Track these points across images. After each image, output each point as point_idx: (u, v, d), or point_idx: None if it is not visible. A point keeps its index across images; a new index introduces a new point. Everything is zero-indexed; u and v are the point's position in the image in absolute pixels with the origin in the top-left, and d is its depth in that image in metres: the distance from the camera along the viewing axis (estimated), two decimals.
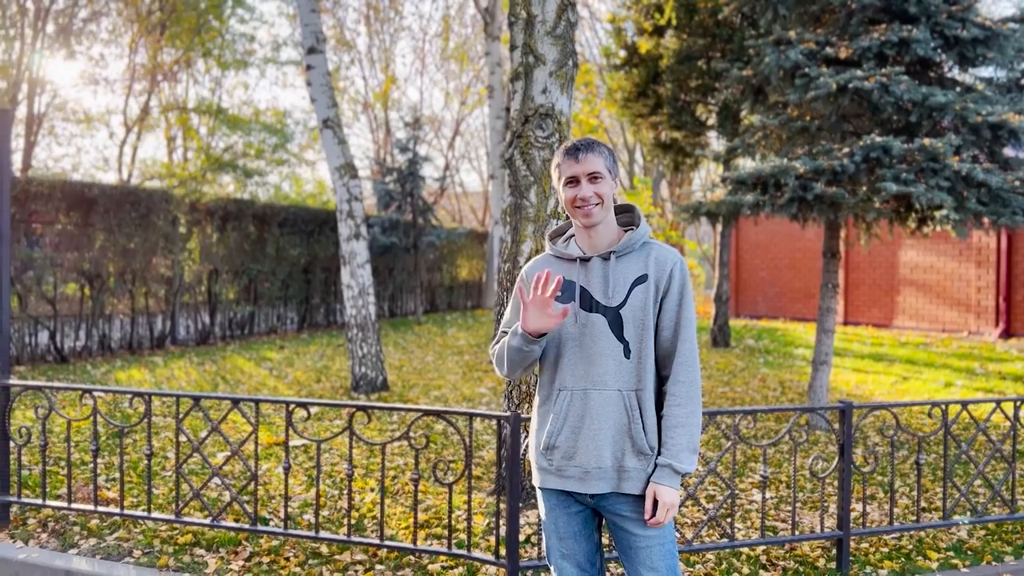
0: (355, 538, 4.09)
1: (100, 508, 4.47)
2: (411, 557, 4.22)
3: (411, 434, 6.70)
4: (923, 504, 5.20)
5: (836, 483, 5.21)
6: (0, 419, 4.66)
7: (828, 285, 7.40)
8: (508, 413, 3.66)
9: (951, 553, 4.43)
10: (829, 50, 6.64)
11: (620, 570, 4.09)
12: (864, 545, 4.53)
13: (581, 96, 23.60)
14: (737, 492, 5.46)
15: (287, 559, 4.20)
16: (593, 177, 2.44)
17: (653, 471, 2.42)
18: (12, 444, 5.51)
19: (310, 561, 4.18)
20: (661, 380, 2.51)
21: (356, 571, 4.08)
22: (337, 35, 30.87)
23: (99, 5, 25.22)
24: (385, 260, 17.10)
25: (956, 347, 13.22)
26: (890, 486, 4.36)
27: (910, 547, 4.52)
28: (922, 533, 4.69)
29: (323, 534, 4.15)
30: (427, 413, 3.94)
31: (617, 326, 2.44)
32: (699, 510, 4.98)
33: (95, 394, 4.89)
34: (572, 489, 2.47)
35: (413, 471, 3.98)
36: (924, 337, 14.94)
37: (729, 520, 4.10)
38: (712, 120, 12.48)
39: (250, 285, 14.41)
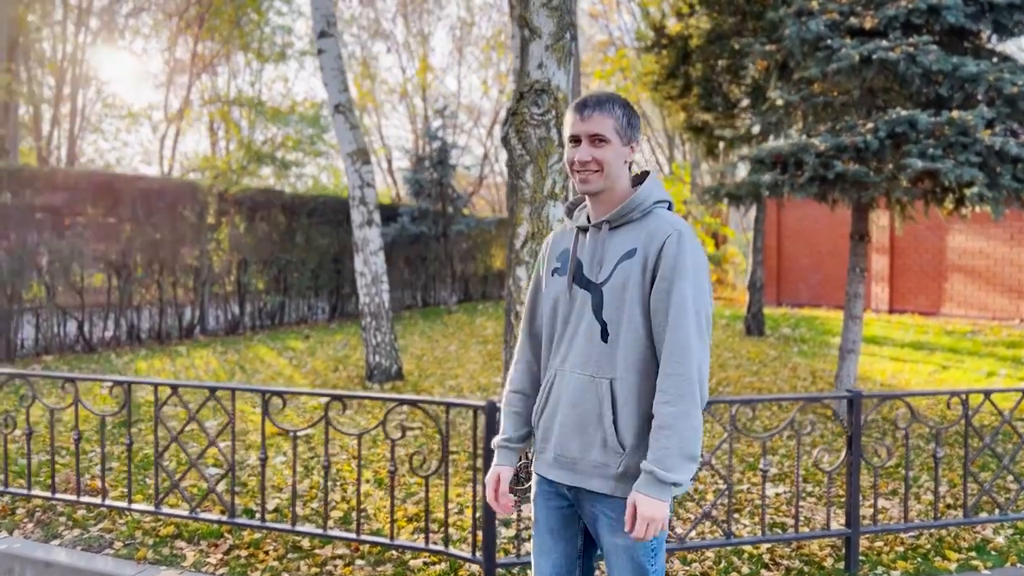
0: (332, 532, 3.94)
1: (83, 499, 4.40)
2: (393, 552, 4.05)
3: (412, 424, 6.54)
4: (949, 501, 4.88)
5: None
6: None
7: (855, 269, 7.04)
8: (483, 402, 3.47)
9: (973, 553, 4.12)
10: (853, 20, 6.28)
11: None
12: (879, 544, 4.24)
13: (619, 82, 23.21)
14: (748, 487, 5.19)
15: (266, 553, 4.07)
16: (596, 139, 2.15)
17: (624, 473, 2.14)
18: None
19: (289, 555, 4.05)
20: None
21: (335, 566, 3.94)
22: (375, 26, 30.89)
23: (139, 1, 25.56)
24: (416, 249, 16.98)
25: (1006, 335, 12.64)
26: (905, 481, 4.07)
27: (928, 546, 4.21)
28: (943, 532, 4.38)
29: (300, 527, 4.01)
30: (402, 402, 3.77)
31: (598, 305, 2.17)
32: (695, 504, 4.73)
33: (110, 385, 4.81)
34: (544, 474, 2.29)
35: (389, 463, 3.80)
36: (972, 325, 14.33)
37: (727, 516, 3.85)
38: (745, 101, 12.07)
39: (279, 275, 14.42)
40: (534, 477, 2.36)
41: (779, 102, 6.52)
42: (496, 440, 2.40)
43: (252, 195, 14.02)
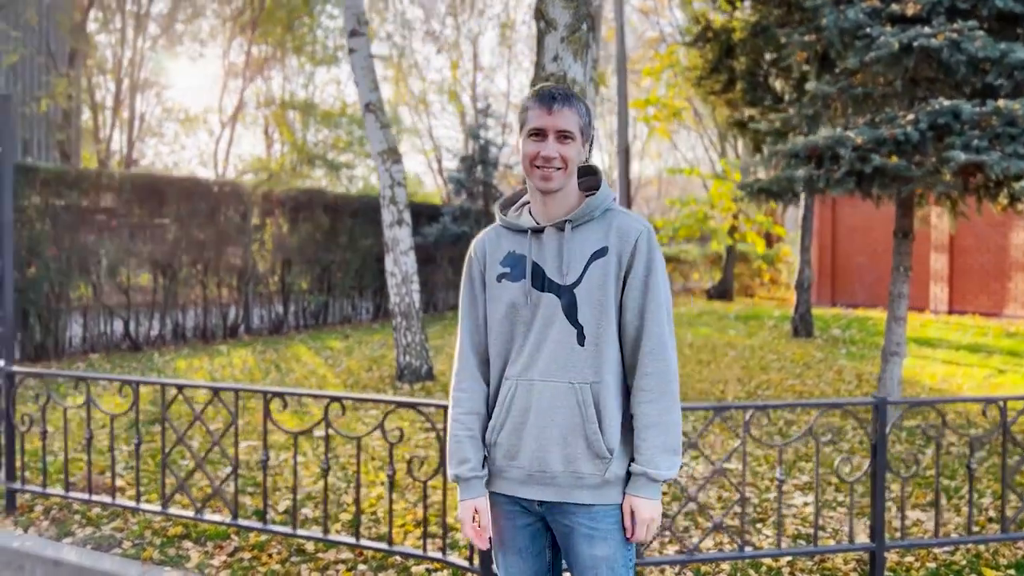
0: (331, 536, 3.87)
1: (94, 497, 4.41)
2: (396, 558, 3.96)
3: (438, 428, 6.44)
4: (992, 514, 4.59)
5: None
6: (5, 406, 4.66)
7: (899, 268, 6.73)
8: None
9: (1012, 571, 3.85)
10: (895, 7, 5.98)
11: None
12: (909, 559, 4.00)
13: (669, 79, 22.86)
14: (775, 495, 4.96)
15: (270, 556, 4.02)
16: (563, 136, 2.05)
17: (627, 480, 2.08)
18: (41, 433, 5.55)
19: (293, 558, 3.99)
20: (628, 372, 2.13)
21: (337, 570, 3.86)
22: (426, 26, 31.02)
23: (197, 7, 26.10)
24: (459, 249, 16.94)
25: None
26: (935, 493, 3.82)
27: (964, 563, 3.95)
28: (982, 547, 4.11)
29: (300, 531, 3.94)
30: (400, 405, 3.67)
31: (571, 308, 2.07)
32: (716, 513, 4.52)
33: (134, 385, 4.82)
34: (512, 493, 2.13)
35: (388, 467, 3.71)
36: None
37: (741, 527, 3.66)
38: (792, 94, 11.71)
39: (323, 275, 14.52)
40: (492, 497, 2.19)
41: (816, 94, 6.25)
42: (461, 471, 2.13)
43: (295, 196, 14.15)
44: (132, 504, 4.29)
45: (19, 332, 9.87)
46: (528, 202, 2.21)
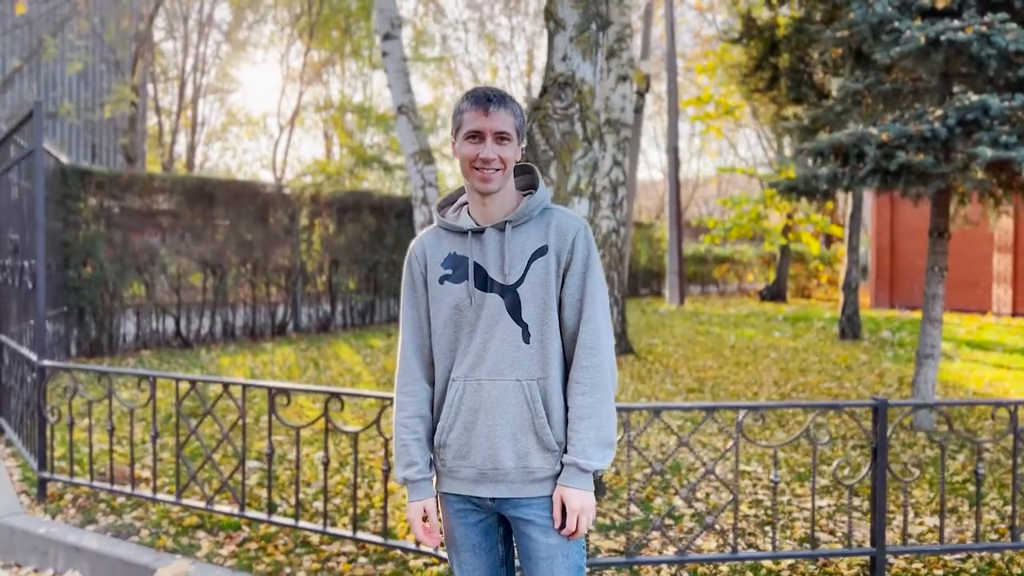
0: (331, 529, 3.96)
1: (115, 487, 4.59)
2: (397, 551, 4.03)
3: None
4: (1018, 521, 4.44)
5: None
6: (37, 398, 4.88)
7: (934, 268, 6.54)
8: None
9: None
10: (924, 0, 5.83)
11: None
12: (916, 565, 3.90)
13: (720, 77, 22.55)
14: (790, 498, 4.89)
15: (276, 546, 4.13)
16: (501, 137, 2.08)
17: (560, 472, 2.12)
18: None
19: (297, 549, 4.09)
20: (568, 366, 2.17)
21: (338, 562, 3.95)
22: (480, 30, 31.19)
23: (259, 13, 26.75)
24: None
25: None
26: (940, 498, 3.72)
27: (974, 570, 3.84)
28: (996, 555, 3.99)
29: (302, 523, 4.04)
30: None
31: (515, 307, 2.11)
32: (696, 513, 4.48)
33: (161, 379, 4.99)
34: (466, 492, 2.17)
35: (383, 462, 3.78)
36: None
37: (733, 527, 3.63)
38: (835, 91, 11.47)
39: (369, 275, 14.75)
40: (443, 497, 2.23)
41: (844, 91, 6.12)
42: (409, 473, 2.18)
43: (342, 197, 14.40)
44: (149, 494, 4.46)
45: (75, 329, 10.30)
46: (466, 203, 2.23)
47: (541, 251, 2.12)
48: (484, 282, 2.13)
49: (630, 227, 15.86)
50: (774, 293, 21.93)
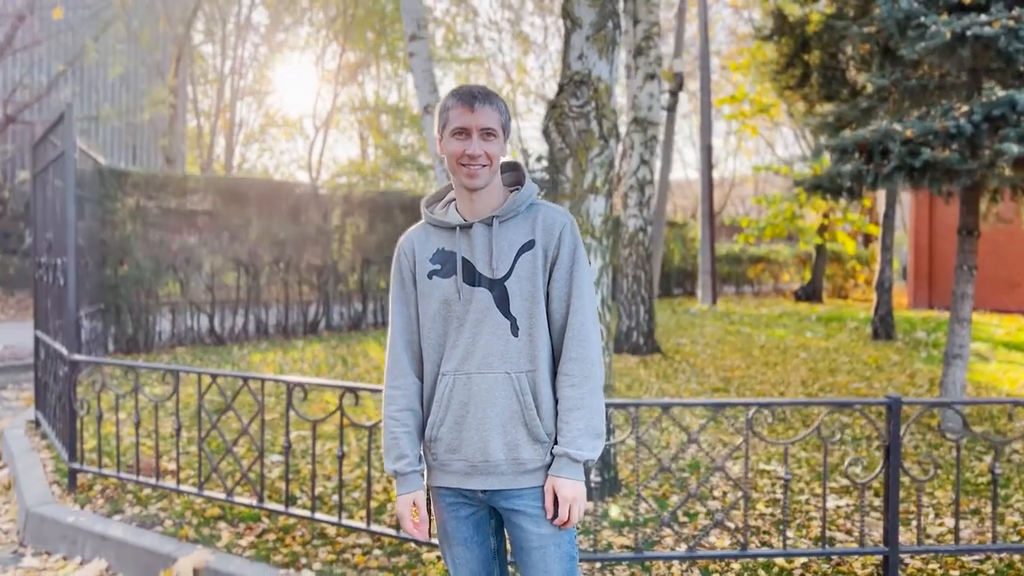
0: (345, 521, 4.02)
1: (140, 478, 4.71)
2: (411, 544, 4.09)
3: None
4: None
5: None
6: (68, 391, 5.03)
7: (963, 267, 6.44)
8: None
9: None
10: None
11: None
12: (933, 566, 3.86)
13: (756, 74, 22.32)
14: (808, 496, 4.86)
15: (293, 538, 4.21)
16: (487, 133, 2.12)
17: (551, 463, 2.16)
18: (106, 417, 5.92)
19: (314, 541, 4.17)
20: (556, 358, 2.21)
21: (353, 553, 4.01)
22: (514, 30, 31.23)
23: (296, 15, 27.08)
24: None
25: None
26: (956, 498, 3.68)
27: (992, 571, 3.79)
28: (1016, 557, 3.93)
29: (318, 515, 4.12)
30: None
31: (503, 301, 2.15)
32: (708, 510, 4.46)
33: (182, 373, 5.10)
34: (457, 485, 2.20)
35: None
36: None
37: (744, 524, 3.63)
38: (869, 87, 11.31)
39: None
40: (434, 491, 2.27)
41: (868, 87, 6.06)
42: (399, 466, 2.21)
43: (373, 197, 14.56)
44: (173, 486, 4.57)
45: (112, 326, 10.55)
46: (454, 199, 2.26)
47: (528, 245, 2.16)
48: (472, 276, 2.16)
49: (662, 226, 15.81)
50: (809, 293, 21.66)
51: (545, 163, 17.30)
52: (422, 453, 2.28)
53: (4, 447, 6.20)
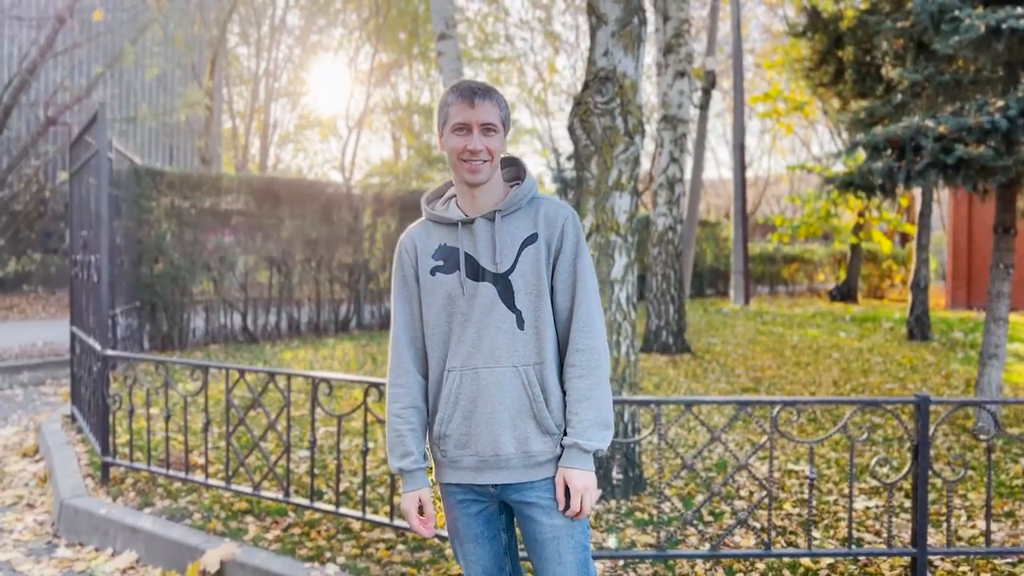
0: (369, 515, 4.05)
1: (170, 472, 4.79)
2: (435, 540, 4.10)
3: None
4: None
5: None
6: (100, 386, 5.13)
7: (999, 266, 6.32)
8: None
9: None
10: None
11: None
12: (963, 569, 3.79)
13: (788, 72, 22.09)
14: (836, 497, 4.80)
15: (319, 532, 4.25)
16: (487, 129, 2.12)
17: (561, 454, 2.17)
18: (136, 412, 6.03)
19: (339, 536, 4.20)
20: (562, 350, 2.22)
21: (376, 548, 4.04)
22: (545, 30, 31.20)
23: (329, 17, 27.33)
24: None
25: None
26: (987, 500, 3.61)
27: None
28: None
29: (342, 509, 4.15)
30: None
31: (508, 295, 2.15)
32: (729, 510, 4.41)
33: (212, 369, 5.18)
34: (468, 481, 2.21)
35: None
36: None
37: (768, 525, 3.59)
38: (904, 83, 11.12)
39: None
40: (444, 488, 2.27)
41: (904, 82, 5.96)
42: (405, 464, 2.21)
43: (404, 196, 14.63)
44: (202, 479, 4.63)
45: (148, 324, 10.73)
46: (454, 195, 2.27)
47: (531, 239, 2.17)
48: (476, 272, 2.17)
49: (694, 225, 15.69)
50: (844, 293, 21.37)
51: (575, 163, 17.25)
52: (428, 450, 2.29)
53: (42, 440, 6.34)
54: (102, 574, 4.11)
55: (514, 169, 2.31)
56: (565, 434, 2.16)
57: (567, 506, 2.14)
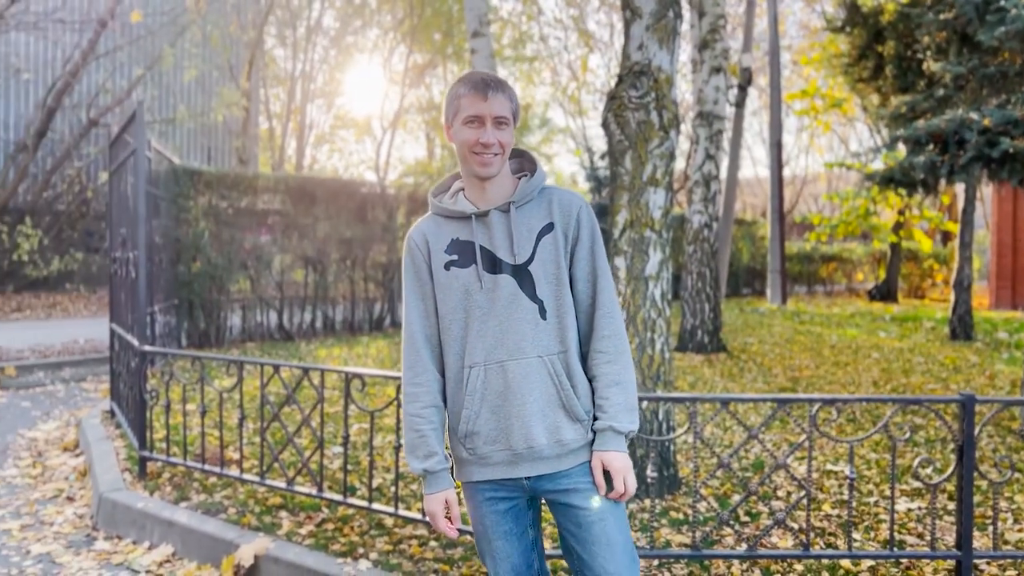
0: (402, 511, 4.04)
1: (206, 467, 4.83)
2: (467, 536, 4.08)
3: None
4: None
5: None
6: (138, 381, 5.19)
7: None
8: None
9: None
10: None
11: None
12: (1011, 573, 3.68)
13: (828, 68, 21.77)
14: (877, 499, 4.69)
15: (351, 527, 4.26)
16: (500, 122, 2.11)
17: (593, 439, 2.17)
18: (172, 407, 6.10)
19: (371, 531, 4.20)
20: (583, 337, 2.22)
21: (409, 544, 4.03)
22: (580, 29, 31.10)
23: (365, 18, 27.50)
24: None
25: None
26: None
27: None
28: None
29: (375, 505, 4.15)
30: None
31: (528, 285, 2.14)
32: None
33: (245, 365, 5.21)
34: (501, 476, 2.17)
35: None
36: None
37: (807, 526, 3.51)
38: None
39: None
40: (470, 487, 2.23)
41: (945, 76, 5.83)
42: (430, 464, 2.16)
43: None
44: (236, 474, 4.67)
45: (185, 322, 10.87)
46: (461, 189, 2.24)
47: (548, 228, 2.16)
48: (493, 264, 2.15)
49: (730, 224, 15.52)
50: (884, 293, 21.00)
51: (602, 162, 17.21)
52: (450, 450, 2.26)
53: (82, 435, 6.44)
54: (139, 567, 4.15)
55: (518, 161, 2.29)
56: (595, 419, 2.16)
57: (610, 489, 2.14)
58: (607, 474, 2.14)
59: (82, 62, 17.15)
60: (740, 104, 16.83)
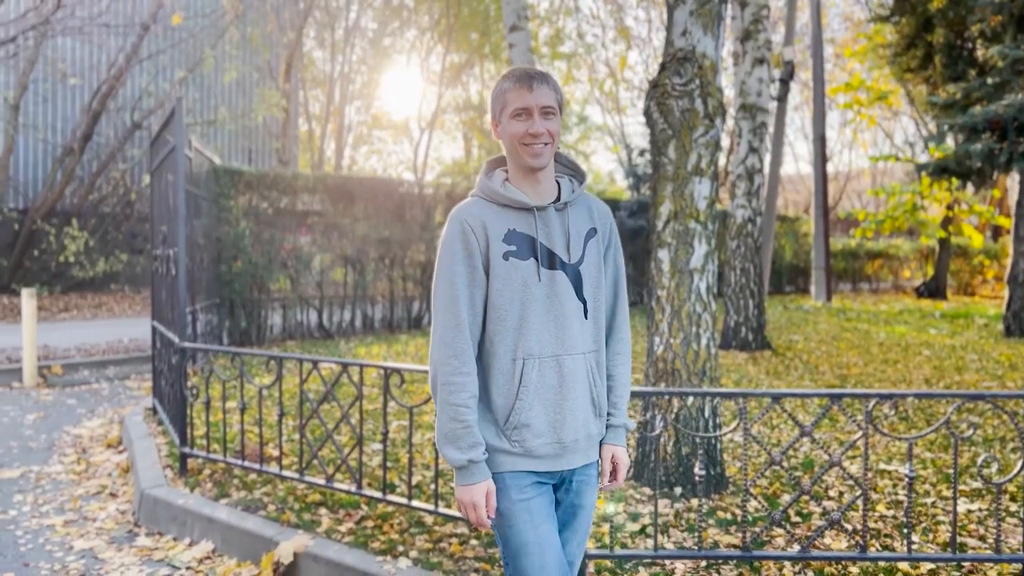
0: (441, 509, 3.96)
1: (246, 464, 4.80)
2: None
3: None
4: None
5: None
6: (178, 378, 5.18)
7: None
8: None
9: None
10: None
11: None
12: None
13: (873, 60, 21.32)
14: (935, 500, 4.51)
15: (391, 525, 4.19)
16: (546, 112, 2.12)
17: (605, 433, 2.33)
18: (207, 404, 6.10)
19: (411, 529, 4.14)
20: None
21: (449, 542, 3.96)
22: (619, 26, 30.86)
23: (403, 19, 27.59)
24: (638, 244, 16.72)
25: None
26: None
27: None
28: None
29: (415, 502, 4.08)
30: None
31: (578, 285, 2.20)
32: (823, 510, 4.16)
33: (283, 361, 5.18)
34: (547, 468, 2.18)
35: None
36: None
37: (863, 527, 3.36)
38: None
39: None
40: (509, 477, 2.16)
41: (999, 62, 5.60)
42: (475, 455, 2.09)
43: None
44: (276, 471, 4.63)
45: (227, 320, 10.95)
46: (505, 179, 2.21)
47: (592, 232, 2.25)
48: (550, 260, 2.16)
49: (772, 220, 15.22)
50: (932, 290, 20.48)
51: (648, 157, 17.01)
52: (495, 440, 2.18)
53: (124, 432, 6.48)
54: (179, 563, 4.13)
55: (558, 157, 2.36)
56: (609, 415, 2.30)
57: (612, 479, 2.31)
58: (613, 468, 2.30)
59: (126, 65, 17.41)
60: (782, 98, 16.51)
